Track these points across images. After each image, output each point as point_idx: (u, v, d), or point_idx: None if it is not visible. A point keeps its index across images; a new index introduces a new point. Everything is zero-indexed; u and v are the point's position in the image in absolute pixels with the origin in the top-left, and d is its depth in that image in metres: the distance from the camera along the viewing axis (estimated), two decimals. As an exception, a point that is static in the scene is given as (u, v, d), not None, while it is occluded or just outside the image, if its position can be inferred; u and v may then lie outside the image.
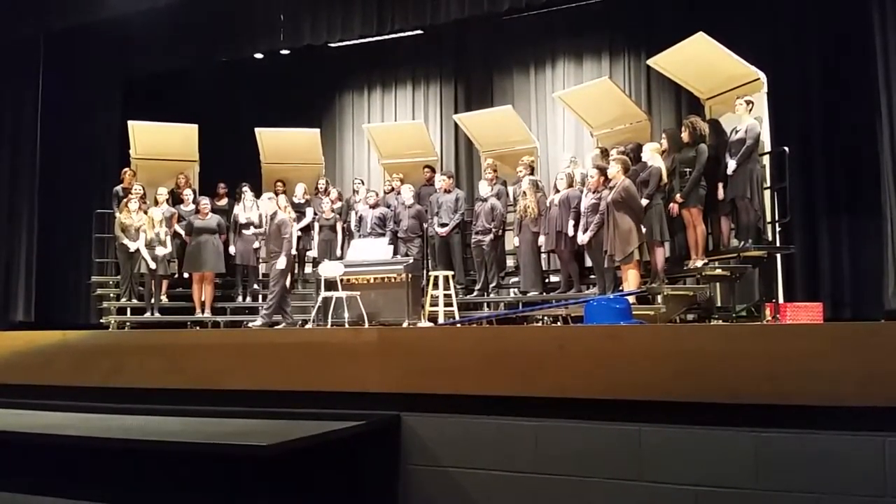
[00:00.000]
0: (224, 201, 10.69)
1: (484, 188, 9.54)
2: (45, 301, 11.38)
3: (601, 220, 7.87)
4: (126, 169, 10.62)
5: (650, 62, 9.04)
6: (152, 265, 9.54)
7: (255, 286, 10.43)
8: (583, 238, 8.16)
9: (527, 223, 8.92)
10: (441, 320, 8.83)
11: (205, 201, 10.07)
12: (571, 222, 8.35)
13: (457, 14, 10.02)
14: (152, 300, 9.67)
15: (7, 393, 4.47)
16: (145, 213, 9.85)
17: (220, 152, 11.41)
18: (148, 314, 9.67)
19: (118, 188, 10.42)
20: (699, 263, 7.64)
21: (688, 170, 7.69)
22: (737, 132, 7.63)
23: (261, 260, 10.44)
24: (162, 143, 10.88)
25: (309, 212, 10.52)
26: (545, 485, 3.31)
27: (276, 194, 10.65)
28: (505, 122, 10.44)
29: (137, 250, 9.65)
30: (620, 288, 7.72)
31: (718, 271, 7.65)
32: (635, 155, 8.26)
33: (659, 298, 7.55)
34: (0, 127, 11.53)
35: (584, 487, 3.25)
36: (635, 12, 11.10)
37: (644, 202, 7.58)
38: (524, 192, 9.01)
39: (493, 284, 9.33)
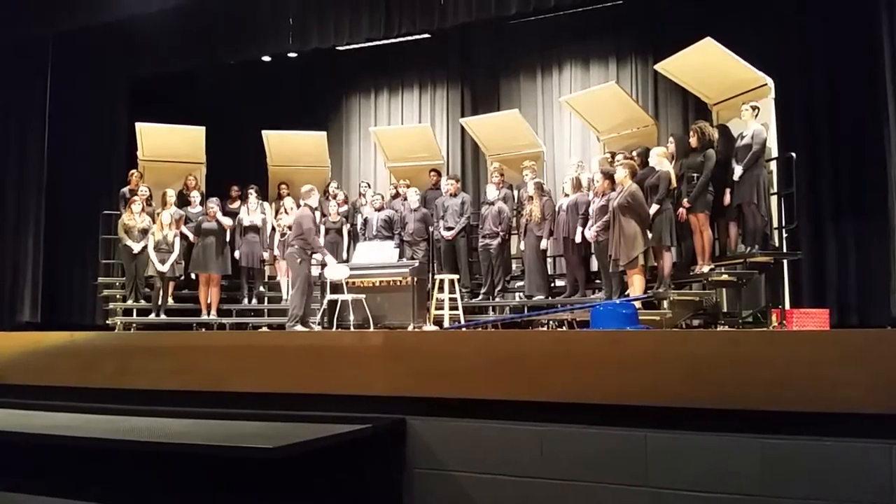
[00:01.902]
0: (236, 204, 10.70)
1: (492, 192, 9.56)
2: (51, 302, 11.42)
3: (607, 221, 7.86)
4: (133, 171, 10.65)
5: (657, 67, 9.04)
6: (160, 267, 9.56)
7: (261, 288, 10.44)
8: (589, 234, 8.15)
9: (531, 227, 8.91)
10: (446, 324, 8.83)
11: (212, 203, 10.09)
12: (580, 229, 8.33)
13: (464, 18, 10.04)
14: (159, 302, 9.68)
15: (13, 393, 4.48)
16: (150, 215, 9.87)
17: (227, 154, 11.44)
18: (154, 315, 9.68)
19: (125, 189, 10.45)
20: (706, 269, 7.63)
21: (695, 175, 7.67)
22: (743, 138, 7.62)
23: (266, 263, 10.46)
24: (169, 144, 10.92)
25: (315, 215, 10.51)
26: (551, 490, 3.31)
27: (280, 197, 10.70)
28: (511, 126, 10.45)
29: (141, 251, 9.67)
30: (627, 293, 7.70)
31: (725, 277, 7.63)
32: (643, 159, 8.25)
33: (665, 304, 7.53)
34: (8, 128, 11.58)
35: (590, 493, 3.24)
36: (642, 17, 11.10)
37: (654, 207, 7.56)
38: (530, 197, 9.01)
39: (499, 288, 9.33)
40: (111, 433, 3.54)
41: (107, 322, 10.19)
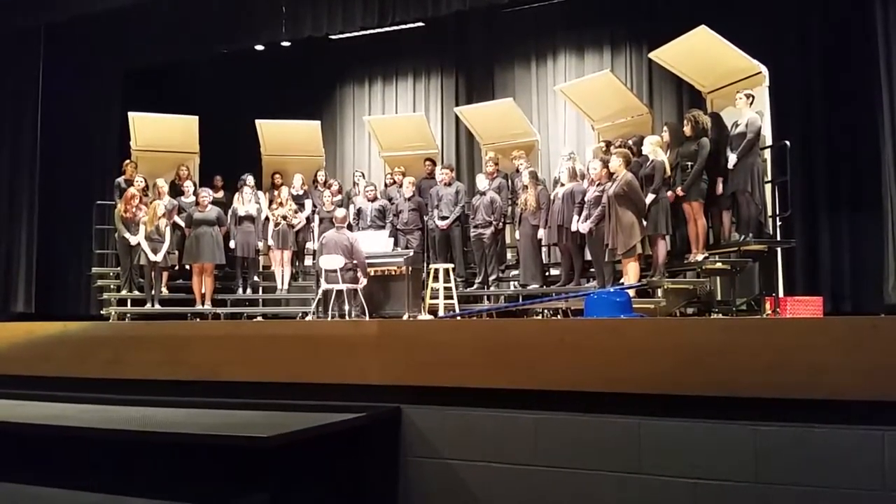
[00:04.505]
0: (220, 193, 10.63)
1: (482, 182, 9.55)
2: (45, 292, 11.39)
3: (602, 213, 7.86)
4: (128, 160, 10.60)
5: (652, 55, 9.02)
6: (152, 256, 9.52)
7: (256, 278, 10.42)
8: (583, 227, 8.15)
9: (526, 216, 8.91)
10: (441, 313, 8.83)
11: (205, 193, 10.04)
12: (576, 217, 8.33)
13: (458, 6, 10.00)
14: (153, 292, 9.65)
15: (7, 383, 4.48)
16: (146, 205, 9.83)
17: (221, 144, 11.39)
18: (148, 306, 9.65)
19: (120, 179, 10.41)
20: (700, 257, 7.63)
21: (689, 163, 7.67)
22: (737, 126, 7.61)
23: (260, 252, 10.44)
24: (162, 134, 10.85)
25: (307, 203, 10.50)
26: (544, 477, 3.32)
27: (275, 187, 10.66)
28: (506, 114, 10.42)
29: (138, 243, 9.64)
30: (621, 281, 7.71)
31: (719, 265, 7.64)
32: (638, 148, 8.25)
33: (659, 292, 7.55)
34: (0, 118, 11.51)
35: (583, 480, 3.25)
36: (637, 5, 11.08)
37: (650, 197, 7.56)
38: (524, 186, 9.00)
39: (494, 277, 9.33)
40: (105, 423, 3.55)
41: (101, 312, 10.17)
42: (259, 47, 11.87)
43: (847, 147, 9.12)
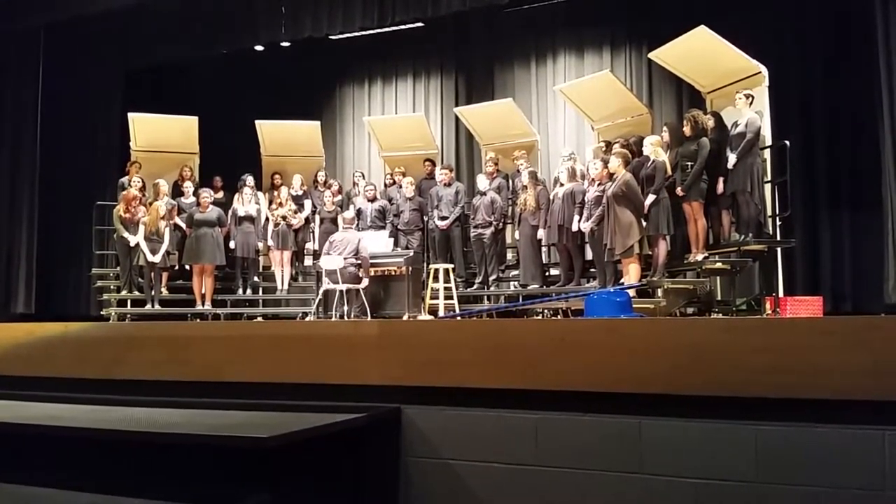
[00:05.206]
0: (220, 194, 10.63)
1: (482, 182, 9.56)
2: (45, 293, 11.39)
3: (603, 213, 7.87)
4: (132, 161, 10.59)
5: (651, 55, 9.02)
6: (150, 257, 9.52)
7: (256, 279, 10.42)
8: (584, 226, 8.15)
9: (526, 216, 8.91)
10: (441, 313, 8.83)
11: (206, 194, 10.04)
12: (576, 217, 8.33)
13: (458, 6, 10.00)
14: (153, 292, 9.65)
15: (8, 384, 4.48)
16: (144, 205, 9.83)
17: (221, 144, 11.39)
18: (148, 306, 9.65)
19: (124, 180, 10.40)
20: (700, 257, 7.64)
21: (689, 163, 7.67)
22: (737, 126, 7.62)
23: (260, 253, 10.44)
24: (162, 135, 10.85)
25: (307, 204, 10.50)
26: (546, 477, 3.32)
27: (275, 187, 10.66)
28: (506, 115, 10.43)
29: (138, 243, 9.63)
30: (621, 281, 7.72)
31: (719, 265, 7.64)
32: (637, 148, 8.25)
33: (659, 292, 7.55)
34: (0, 119, 11.51)
35: (584, 480, 3.25)
36: (637, 5, 11.08)
37: (651, 198, 7.56)
38: (524, 186, 9.00)
39: (494, 278, 9.34)
40: (106, 423, 3.55)
41: (101, 313, 10.17)
42: (259, 47, 11.86)
43: (847, 147, 9.13)
